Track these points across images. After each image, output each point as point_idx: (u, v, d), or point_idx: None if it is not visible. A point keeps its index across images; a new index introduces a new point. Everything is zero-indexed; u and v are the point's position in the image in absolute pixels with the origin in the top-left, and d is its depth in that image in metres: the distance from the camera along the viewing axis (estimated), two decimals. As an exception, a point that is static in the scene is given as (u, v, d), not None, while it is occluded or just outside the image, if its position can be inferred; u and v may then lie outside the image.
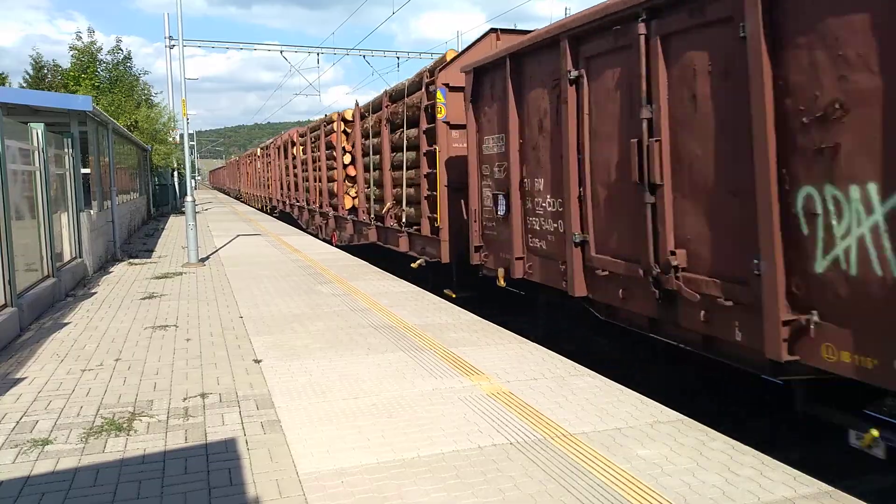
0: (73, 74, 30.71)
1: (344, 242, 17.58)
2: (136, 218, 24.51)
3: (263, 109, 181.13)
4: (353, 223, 16.57)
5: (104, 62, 32.01)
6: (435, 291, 10.46)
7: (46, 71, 33.37)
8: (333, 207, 18.42)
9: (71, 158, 12.58)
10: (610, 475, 4.03)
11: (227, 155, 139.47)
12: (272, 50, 30.94)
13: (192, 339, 7.62)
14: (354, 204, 16.36)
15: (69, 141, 12.67)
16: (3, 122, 8.14)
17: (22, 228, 9.19)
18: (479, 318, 8.48)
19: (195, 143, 54.67)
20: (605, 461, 4.22)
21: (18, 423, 5.05)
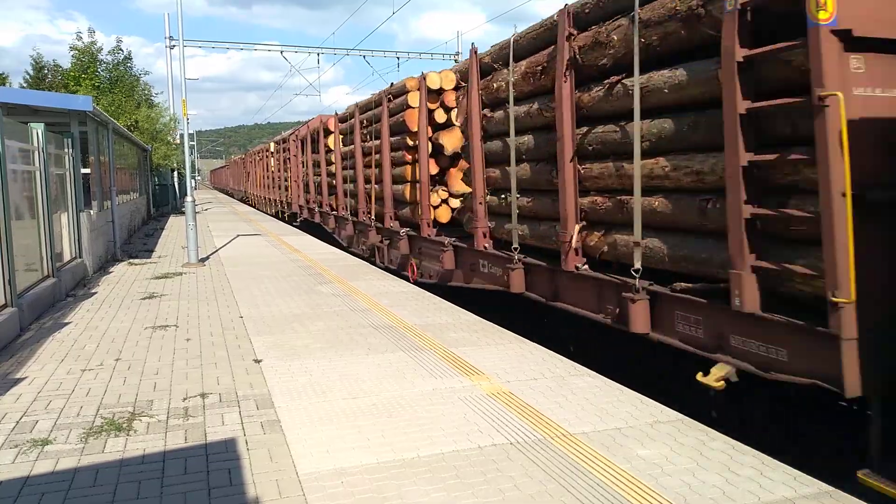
0: (73, 74, 30.71)
1: (433, 279, 11.10)
2: (136, 218, 24.52)
3: (263, 109, 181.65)
4: (454, 251, 9.99)
5: (104, 62, 32.03)
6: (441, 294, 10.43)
7: (47, 71, 33.37)
8: (406, 222, 12.66)
9: (71, 158, 12.58)
10: (610, 475, 4.03)
11: (227, 155, 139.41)
12: (272, 50, 30.92)
13: (192, 339, 7.62)
14: (456, 216, 10.68)
15: (69, 141, 12.67)
16: (3, 122, 8.14)
17: (22, 228, 9.20)
18: (479, 318, 8.48)
19: (195, 143, 54.70)
20: (605, 461, 4.22)
21: (18, 423, 5.05)
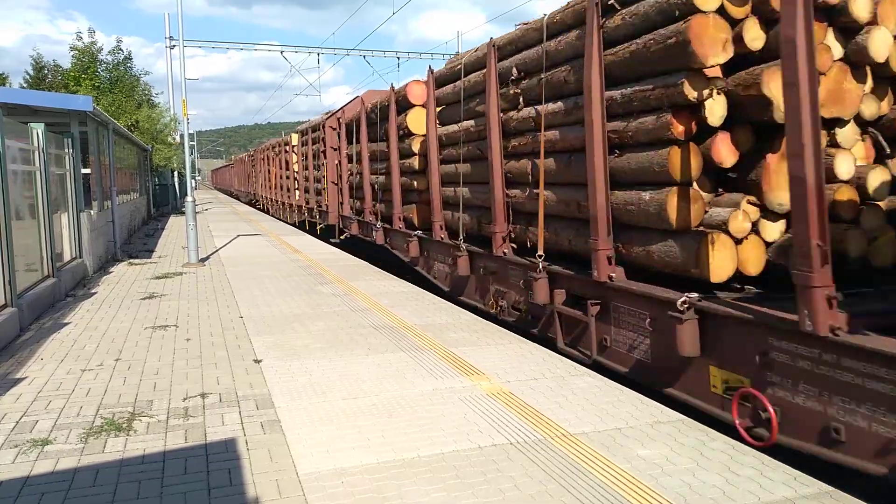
0: (73, 75, 30.71)
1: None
2: (136, 218, 24.52)
3: (264, 109, 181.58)
4: None
5: (104, 62, 32.03)
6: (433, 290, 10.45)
7: (47, 71, 33.36)
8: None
9: (71, 158, 12.58)
10: (610, 475, 4.03)
11: (227, 155, 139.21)
12: (272, 50, 30.98)
13: (192, 339, 7.62)
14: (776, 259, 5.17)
15: (69, 141, 12.67)
16: (3, 122, 8.14)
17: (22, 228, 9.19)
18: (479, 318, 8.48)
19: (195, 143, 54.69)
20: (605, 461, 4.22)
21: (18, 423, 5.05)
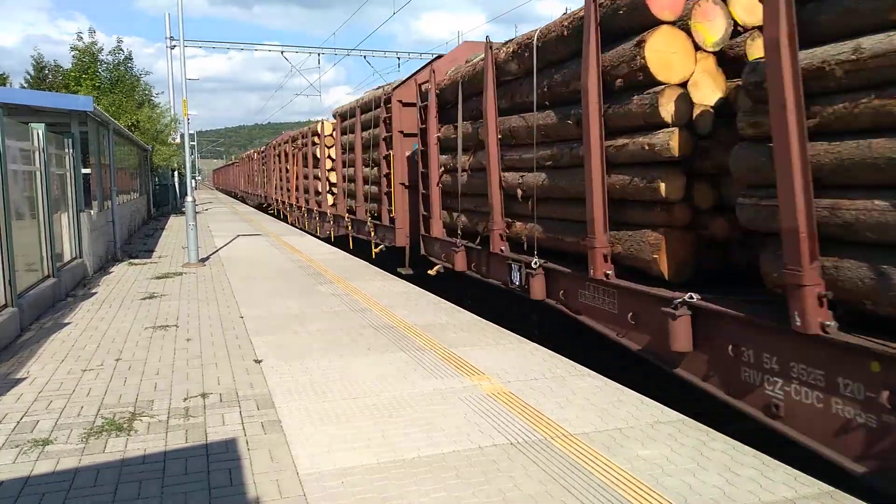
0: (73, 75, 30.67)
1: None
2: (136, 218, 24.52)
3: (264, 110, 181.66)
4: None
5: (105, 62, 31.98)
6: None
7: (47, 71, 33.33)
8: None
9: (71, 158, 12.58)
10: (610, 475, 4.03)
11: (227, 155, 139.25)
12: (273, 50, 31.06)
13: (192, 339, 7.62)
14: None
15: (70, 141, 12.67)
16: (3, 122, 8.14)
17: (22, 228, 9.19)
18: (479, 318, 8.48)
19: (196, 143, 54.70)
20: (605, 461, 4.22)
21: (19, 423, 5.05)
